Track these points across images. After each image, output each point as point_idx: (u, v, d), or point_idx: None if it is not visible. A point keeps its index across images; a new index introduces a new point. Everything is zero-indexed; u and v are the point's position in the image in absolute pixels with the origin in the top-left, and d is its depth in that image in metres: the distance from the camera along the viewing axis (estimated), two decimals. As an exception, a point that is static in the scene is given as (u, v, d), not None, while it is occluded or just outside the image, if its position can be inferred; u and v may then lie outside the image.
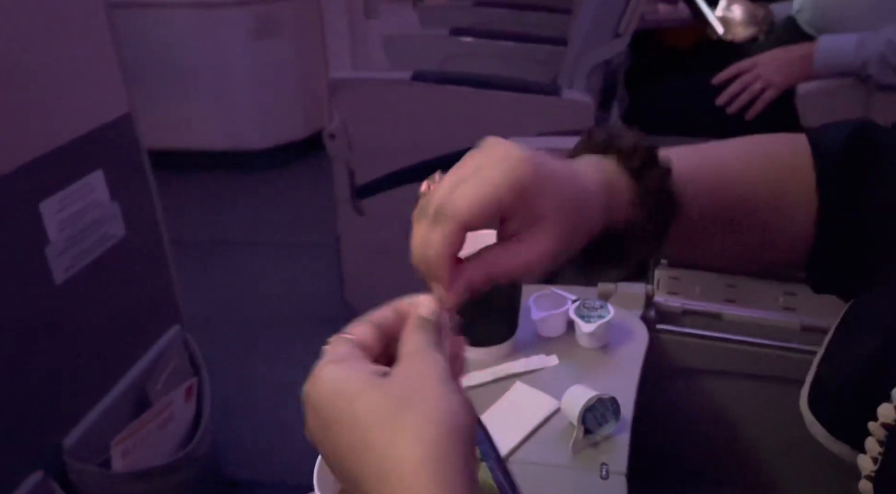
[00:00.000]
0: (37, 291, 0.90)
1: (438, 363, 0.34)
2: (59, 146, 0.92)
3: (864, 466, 0.37)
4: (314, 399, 0.35)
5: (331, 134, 1.60)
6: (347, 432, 0.33)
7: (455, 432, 0.32)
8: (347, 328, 0.38)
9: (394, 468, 0.31)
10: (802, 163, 0.45)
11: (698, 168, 0.44)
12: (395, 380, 0.34)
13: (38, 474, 0.87)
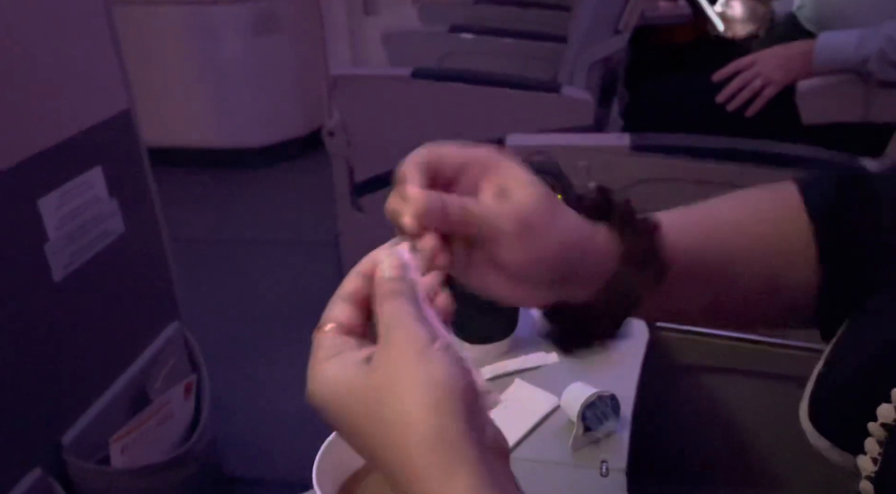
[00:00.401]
0: (35, 288, 0.90)
1: (416, 331, 0.33)
2: (58, 143, 0.92)
3: (864, 467, 0.37)
4: (315, 402, 0.35)
5: (330, 131, 1.59)
6: (353, 432, 0.34)
7: (443, 401, 0.31)
8: (325, 315, 0.38)
9: (398, 459, 0.31)
10: (794, 211, 0.44)
11: (687, 222, 0.44)
12: (376, 368, 0.33)
13: (37, 471, 0.87)
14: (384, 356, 0.33)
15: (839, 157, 1.05)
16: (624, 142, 1.12)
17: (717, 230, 0.45)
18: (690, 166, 1.09)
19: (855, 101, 1.26)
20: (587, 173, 1.14)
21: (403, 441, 0.31)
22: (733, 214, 0.46)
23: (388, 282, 0.36)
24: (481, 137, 1.59)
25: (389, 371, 0.33)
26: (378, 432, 0.32)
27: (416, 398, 0.31)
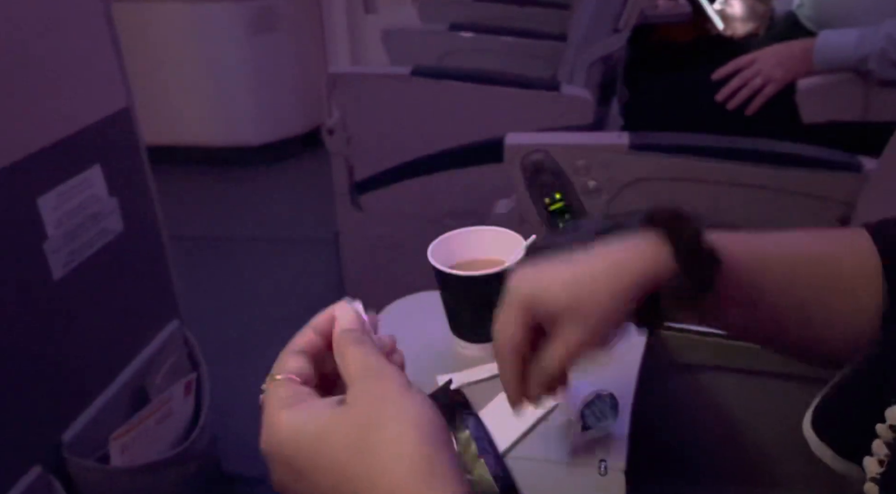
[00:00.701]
0: (35, 286, 0.90)
1: (391, 372, 0.35)
2: (57, 141, 0.92)
3: (869, 468, 0.37)
4: (279, 452, 0.34)
5: (329, 129, 1.59)
6: (326, 473, 0.33)
7: (431, 433, 0.33)
8: (277, 367, 0.38)
9: (385, 488, 0.31)
10: (864, 250, 0.45)
11: (750, 244, 0.45)
12: (356, 405, 0.34)
13: (37, 469, 0.87)
14: (365, 394, 0.34)
15: (839, 155, 1.05)
16: (623, 141, 1.11)
17: (786, 257, 0.45)
18: (690, 165, 1.09)
19: (855, 99, 1.26)
20: (586, 172, 1.14)
21: (395, 472, 0.31)
22: (801, 244, 0.46)
23: (350, 332, 0.38)
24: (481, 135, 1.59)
25: (375, 408, 0.33)
26: (364, 465, 0.32)
27: (406, 432, 0.32)
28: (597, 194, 1.14)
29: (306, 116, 2.72)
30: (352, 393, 0.35)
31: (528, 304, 0.44)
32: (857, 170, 1.01)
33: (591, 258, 0.44)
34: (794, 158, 1.06)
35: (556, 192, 1.15)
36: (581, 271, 0.43)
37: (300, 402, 0.35)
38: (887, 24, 1.22)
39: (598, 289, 0.42)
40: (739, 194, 1.07)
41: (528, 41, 1.81)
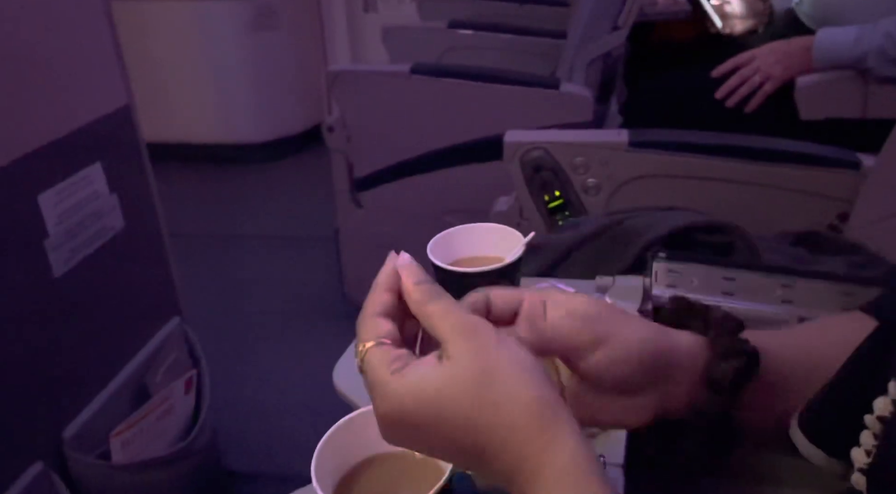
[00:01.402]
0: (36, 283, 0.90)
1: (480, 324, 0.37)
2: (58, 138, 0.92)
3: (857, 459, 0.37)
4: (398, 412, 0.36)
5: (329, 127, 1.60)
6: (451, 427, 0.35)
7: (536, 375, 0.35)
8: (366, 332, 0.39)
9: (510, 435, 0.34)
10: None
11: (775, 339, 0.45)
12: (462, 361, 0.36)
13: (38, 465, 0.88)
14: (466, 350, 0.36)
15: (838, 153, 1.05)
16: (622, 138, 1.12)
17: (814, 369, 0.44)
18: (689, 163, 1.09)
19: (854, 97, 1.26)
20: (585, 170, 1.14)
21: (514, 413, 0.34)
22: (822, 345, 0.46)
23: (425, 286, 0.39)
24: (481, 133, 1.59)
25: (480, 362, 0.35)
26: (485, 414, 0.35)
27: (517, 377, 0.35)
28: (596, 192, 1.14)
29: (306, 113, 2.72)
30: (453, 350, 0.36)
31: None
32: (856, 167, 1.01)
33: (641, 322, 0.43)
34: (793, 156, 1.06)
35: (556, 189, 1.15)
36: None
37: (406, 364, 0.37)
38: (886, 22, 1.22)
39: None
40: (739, 191, 1.07)
41: (527, 39, 1.81)
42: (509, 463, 0.35)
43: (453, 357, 0.36)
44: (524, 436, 0.34)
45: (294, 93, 2.71)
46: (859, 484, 0.37)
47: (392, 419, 0.37)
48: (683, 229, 0.78)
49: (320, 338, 1.68)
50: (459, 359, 0.36)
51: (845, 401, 0.39)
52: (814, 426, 0.41)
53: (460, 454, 0.37)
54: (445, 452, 0.38)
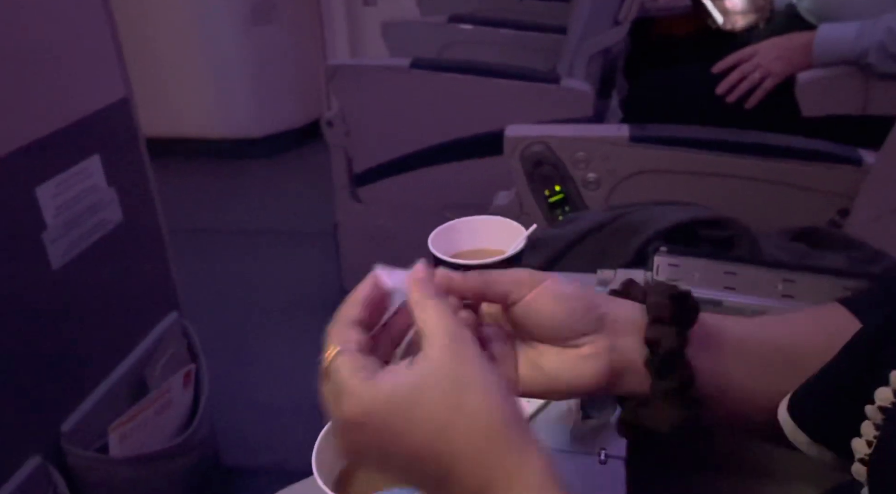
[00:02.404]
0: (34, 276, 0.90)
1: (469, 337, 0.37)
2: (56, 130, 0.92)
3: (858, 449, 0.37)
4: (367, 418, 0.35)
5: (329, 121, 1.59)
6: (422, 430, 0.35)
7: (509, 397, 0.36)
8: (337, 339, 0.39)
9: (482, 440, 0.34)
10: (847, 323, 0.44)
11: (732, 337, 0.44)
12: (445, 365, 0.36)
13: (36, 459, 0.88)
14: (450, 350, 0.36)
15: (839, 148, 1.05)
16: (623, 133, 1.11)
17: (771, 362, 0.44)
18: (689, 158, 1.09)
19: (854, 93, 1.26)
20: (586, 165, 1.14)
21: (489, 422, 0.34)
22: (792, 334, 0.46)
23: (427, 288, 0.39)
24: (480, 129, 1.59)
25: (462, 365, 0.35)
26: (460, 421, 0.34)
27: (493, 390, 0.35)
28: (596, 186, 1.14)
29: (305, 108, 2.71)
30: (435, 349, 0.36)
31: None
32: (857, 163, 1.01)
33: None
34: (794, 151, 1.06)
35: (556, 184, 1.15)
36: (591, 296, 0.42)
37: (376, 370, 0.36)
38: (887, 18, 1.22)
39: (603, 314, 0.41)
40: (739, 186, 1.07)
41: (527, 34, 1.81)
42: (481, 477, 0.34)
43: (431, 358, 0.36)
44: (500, 448, 0.34)
45: (293, 87, 2.71)
46: (860, 474, 0.36)
47: (356, 422, 0.35)
48: (685, 224, 0.78)
49: (319, 333, 1.67)
50: (439, 358, 0.35)
51: (840, 391, 0.39)
52: (804, 412, 0.41)
53: (421, 471, 0.35)
54: (405, 468, 0.36)
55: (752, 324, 0.46)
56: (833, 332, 0.43)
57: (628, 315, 0.42)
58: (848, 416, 0.37)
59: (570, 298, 0.41)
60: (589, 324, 0.41)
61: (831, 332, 0.44)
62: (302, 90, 2.71)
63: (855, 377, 0.38)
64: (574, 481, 0.55)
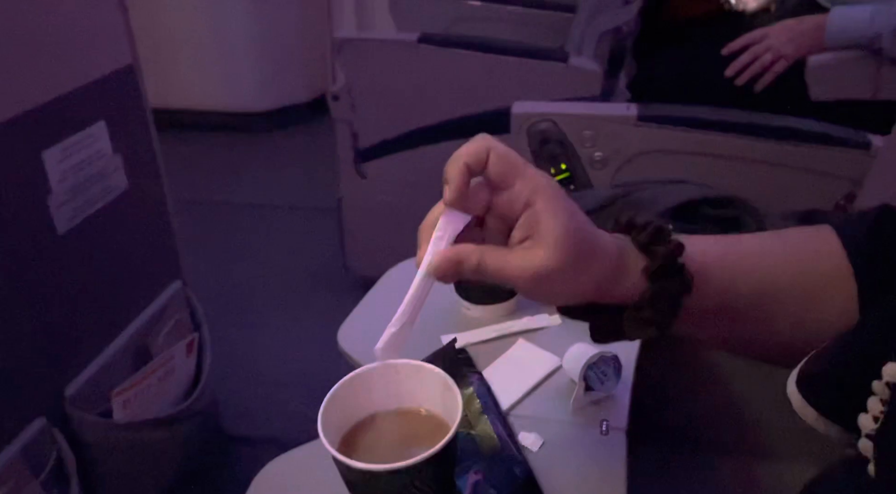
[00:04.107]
0: (40, 240, 0.90)
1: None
2: (62, 95, 0.91)
3: (864, 425, 0.37)
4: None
5: (335, 95, 1.58)
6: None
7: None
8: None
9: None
10: (830, 248, 0.45)
11: (723, 253, 0.45)
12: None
13: (41, 420, 0.88)
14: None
15: (848, 132, 1.04)
16: (631, 112, 1.11)
17: (754, 264, 0.45)
18: (698, 139, 1.08)
19: (866, 77, 1.25)
20: (593, 143, 1.14)
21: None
22: (772, 249, 0.46)
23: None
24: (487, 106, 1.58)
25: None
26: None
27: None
28: (602, 165, 1.14)
29: (311, 83, 2.70)
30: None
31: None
32: (866, 147, 1.01)
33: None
34: (802, 134, 1.06)
35: (562, 162, 1.15)
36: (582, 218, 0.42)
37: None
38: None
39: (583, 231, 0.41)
40: (747, 169, 1.07)
41: (537, 11, 1.79)
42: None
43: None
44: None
45: (299, 61, 2.69)
46: (866, 450, 0.37)
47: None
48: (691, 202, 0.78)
49: (320, 307, 1.68)
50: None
51: (848, 366, 0.39)
52: (813, 387, 0.41)
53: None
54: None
55: (728, 241, 0.46)
56: (829, 255, 0.44)
57: (611, 239, 0.43)
58: (856, 391, 0.37)
59: (580, 296, 0.42)
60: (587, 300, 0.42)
61: (827, 253, 0.44)
62: (308, 64, 2.69)
63: (863, 352, 0.38)
64: (576, 451, 0.56)
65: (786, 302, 0.45)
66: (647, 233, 0.43)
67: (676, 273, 0.42)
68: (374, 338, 0.63)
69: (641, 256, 0.43)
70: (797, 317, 0.45)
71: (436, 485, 0.46)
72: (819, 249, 0.45)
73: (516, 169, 0.41)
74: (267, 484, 0.55)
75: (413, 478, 0.44)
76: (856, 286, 0.43)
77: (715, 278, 0.43)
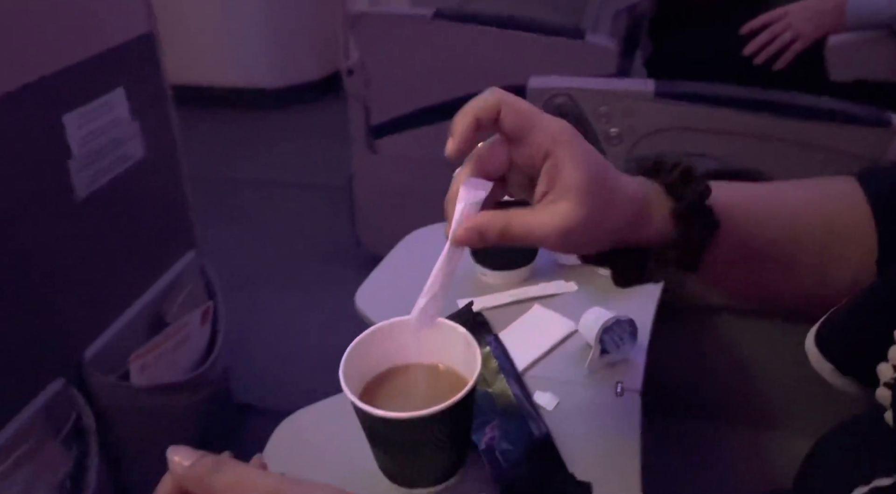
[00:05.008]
0: (60, 204, 0.91)
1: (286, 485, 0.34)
2: (82, 60, 0.92)
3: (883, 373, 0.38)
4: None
5: (349, 69, 1.58)
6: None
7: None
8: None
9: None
10: (853, 199, 0.44)
11: (747, 198, 0.44)
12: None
13: (60, 381, 0.90)
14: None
15: (868, 111, 1.03)
16: (648, 88, 1.10)
17: (778, 210, 0.45)
18: (715, 115, 1.08)
19: (886, 58, 1.23)
20: (609, 119, 1.13)
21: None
22: (795, 196, 0.46)
23: (200, 462, 0.35)
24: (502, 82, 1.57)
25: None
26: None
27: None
28: (618, 141, 1.13)
29: (323, 60, 2.69)
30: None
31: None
32: (886, 125, 1.00)
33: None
34: (820, 112, 1.05)
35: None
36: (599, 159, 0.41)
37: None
38: (925, -19, 1.19)
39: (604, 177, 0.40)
40: (764, 146, 1.06)
41: (553, -12, 1.78)
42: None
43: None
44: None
45: (311, 39, 2.68)
46: (884, 399, 0.37)
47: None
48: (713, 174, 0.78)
49: (331, 283, 1.69)
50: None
51: (867, 319, 0.40)
52: (831, 341, 0.41)
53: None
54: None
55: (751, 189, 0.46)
56: (850, 202, 0.44)
57: (658, 230, 0.42)
58: (875, 343, 0.37)
59: (605, 244, 0.42)
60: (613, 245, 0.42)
61: (849, 201, 0.44)
62: (320, 42, 2.68)
63: (883, 304, 0.39)
64: (590, 411, 0.57)
65: (807, 250, 0.44)
66: (675, 174, 0.43)
67: (704, 215, 0.42)
68: (390, 300, 0.64)
69: (668, 198, 0.42)
70: (817, 266, 0.45)
71: (453, 436, 0.47)
72: (842, 198, 0.45)
73: (531, 120, 0.40)
74: (287, 436, 0.56)
75: (431, 428, 0.45)
76: (876, 237, 0.43)
77: (739, 221, 0.43)
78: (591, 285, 0.71)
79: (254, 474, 0.34)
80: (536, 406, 0.56)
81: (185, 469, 0.35)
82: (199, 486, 0.34)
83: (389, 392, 0.50)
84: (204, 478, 0.34)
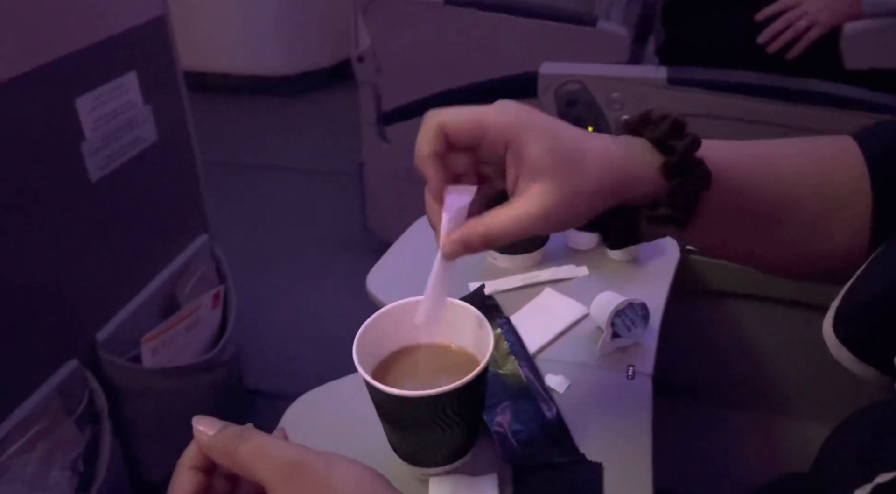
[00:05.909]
0: (74, 186, 0.92)
1: (306, 456, 0.34)
2: (95, 43, 0.92)
3: None
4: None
5: (360, 56, 1.58)
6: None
7: (378, 486, 0.35)
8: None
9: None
10: (850, 159, 0.43)
11: (741, 154, 0.43)
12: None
13: (74, 362, 0.91)
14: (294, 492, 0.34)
15: (884, 98, 1.02)
16: (661, 75, 1.09)
17: (772, 166, 0.44)
18: (728, 102, 1.07)
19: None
20: (621, 106, 1.12)
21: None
22: (790, 153, 0.45)
23: (224, 431, 0.37)
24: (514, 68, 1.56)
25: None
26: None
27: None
28: (630, 128, 1.13)
29: (334, 48, 2.69)
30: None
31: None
32: (901, 113, 0.99)
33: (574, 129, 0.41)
34: (836, 100, 1.04)
35: (589, 125, 1.14)
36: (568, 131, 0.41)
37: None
38: (944, -32, 1.17)
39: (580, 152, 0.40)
40: (779, 134, 1.05)
41: (565, -24, 1.76)
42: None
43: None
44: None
45: (323, 26, 2.67)
46: (904, 380, 0.37)
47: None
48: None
49: (341, 269, 1.70)
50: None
51: (887, 306, 0.39)
52: (849, 329, 0.41)
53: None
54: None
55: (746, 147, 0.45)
56: (847, 162, 0.43)
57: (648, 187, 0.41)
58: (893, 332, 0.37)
59: (593, 211, 0.41)
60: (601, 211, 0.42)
61: (846, 160, 0.43)
62: (332, 29, 2.68)
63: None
64: (602, 393, 0.57)
65: (801, 207, 0.43)
66: (664, 127, 0.41)
67: (695, 168, 0.41)
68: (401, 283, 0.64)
69: (657, 153, 0.41)
70: (811, 224, 0.44)
71: (465, 415, 0.47)
72: (838, 156, 0.43)
73: (479, 124, 0.40)
74: (299, 415, 0.57)
75: (443, 406, 0.45)
76: (872, 197, 0.42)
77: (731, 177, 0.42)
78: (603, 270, 0.71)
79: (277, 443, 0.35)
80: (548, 389, 0.57)
81: (210, 437, 0.36)
82: (223, 455, 0.35)
83: (402, 371, 0.50)
84: (228, 446, 0.35)
